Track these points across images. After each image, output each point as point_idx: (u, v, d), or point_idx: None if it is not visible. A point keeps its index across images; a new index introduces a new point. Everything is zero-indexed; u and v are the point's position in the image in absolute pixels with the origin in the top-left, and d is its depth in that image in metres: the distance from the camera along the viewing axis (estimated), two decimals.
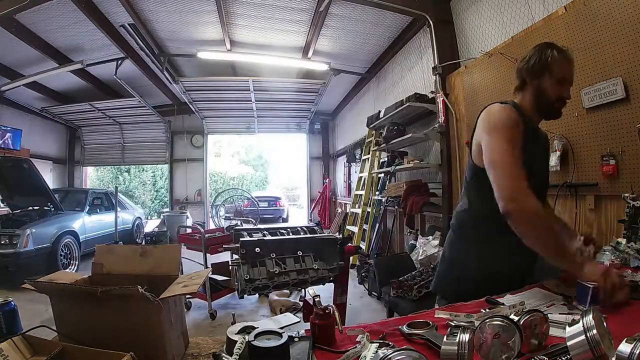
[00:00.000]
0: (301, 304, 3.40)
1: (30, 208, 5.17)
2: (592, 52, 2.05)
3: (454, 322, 0.91)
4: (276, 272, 1.46)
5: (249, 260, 1.46)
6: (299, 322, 0.99)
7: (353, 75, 6.55)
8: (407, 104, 4.03)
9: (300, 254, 1.58)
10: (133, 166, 14.84)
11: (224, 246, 1.68)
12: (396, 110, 4.29)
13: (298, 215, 14.12)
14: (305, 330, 0.91)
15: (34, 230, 4.61)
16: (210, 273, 3.65)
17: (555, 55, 1.27)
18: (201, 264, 3.68)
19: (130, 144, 9.61)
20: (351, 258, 2.98)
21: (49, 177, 8.40)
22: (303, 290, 3.21)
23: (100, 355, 0.73)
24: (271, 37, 5.35)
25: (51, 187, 5.76)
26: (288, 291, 3.78)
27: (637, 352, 0.59)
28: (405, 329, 0.91)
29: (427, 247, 3.54)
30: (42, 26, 4.82)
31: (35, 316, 1.35)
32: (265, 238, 1.59)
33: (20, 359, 0.74)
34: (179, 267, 1.10)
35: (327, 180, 9.70)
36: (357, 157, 7.27)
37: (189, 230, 5.26)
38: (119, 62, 5.93)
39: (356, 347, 0.81)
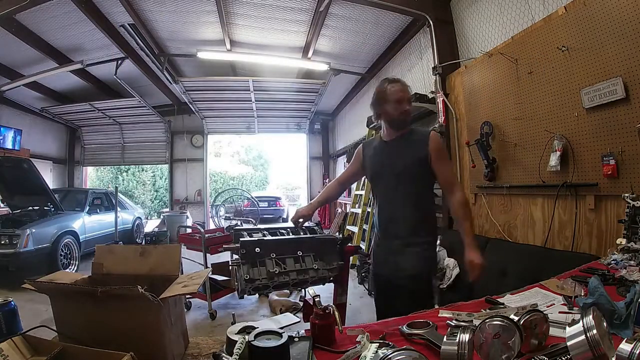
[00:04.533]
0: (301, 304, 3.40)
1: (30, 208, 5.17)
2: (592, 52, 2.05)
3: (454, 322, 0.91)
4: (276, 272, 1.46)
5: (248, 260, 1.46)
6: (299, 322, 1.00)
7: (353, 75, 6.54)
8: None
9: (300, 254, 1.57)
10: (133, 166, 14.84)
11: (224, 246, 1.67)
12: None
13: None
14: (305, 330, 0.91)
15: (34, 230, 4.60)
16: (210, 273, 3.65)
17: (387, 87, 1.69)
18: (201, 264, 3.68)
19: (130, 144, 9.61)
20: (351, 258, 2.97)
21: (49, 177, 8.39)
22: (303, 290, 3.20)
23: (100, 355, 0.73)
24: (271, 37, 5.35)
25: (51, 187, 5.76)
26: (288, 291, 3.77)
27: (637, 352, 0.59)
28: (405, 329, 0.91)
29: None
30: (42, 26, 4.82)
31: (35, 316, 1.35)
32: (265, 238, 1.59)
33: (20, 359, 0.74)
34: (179, 267, 1.10)
35: (327, 180, 9.70)
36: None
37: (189, 230, 5.25)
38: (119, 62, 5.93)
39: (356, 347, 0.81)
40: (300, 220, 1.77)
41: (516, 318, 0.76)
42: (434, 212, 1.80)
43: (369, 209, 5.52)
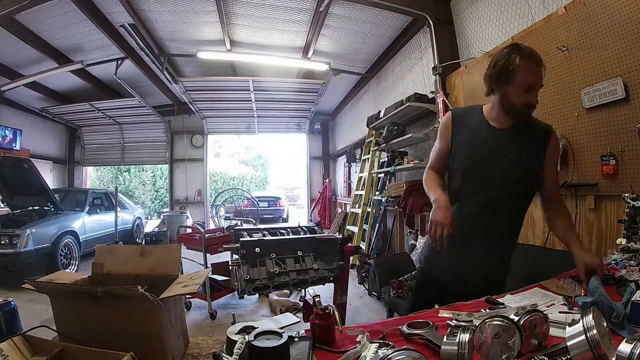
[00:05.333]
0: (301, 304, 3.40)
1: (30, 208, 5.16)
2: (592, 52, 2.05)
3: (454, 322, 0.91)
4: (276, 272, 1.46)
5: (249, 260, 1.46)
6: (299, 322, 1.00)
7: (353, 75, 6.54)
8: (407, 104, 4.03)
9: (300, 254, 1.58)
10: (133, 166, 14.84)
11: (224, 246, 1.67)
12: (396, 110, 4.28)
13: (298, 215, 14.12)
14: (305, 330, 0.91)
15: (34, 230, 4.60)
16: (210, 273, 3.65)
17: (518, 63, 1.24)
18: (201, 264, 3.67)
19: (130, 144, 9.61)
20: (351, 258, 2.98)
21: (49, 177, 8.39)
22: (303, 290, 3.21)
23: (100, 355, 0.73)
24: (271, 37, 5.35)
25: (51, 187, 5.76)
26: (288, 291, 3.78)
27: (637, 352, 0.59)
28: (405, 329, 0.91)
29: None
30: (42, 26, 4.82)
31: (35, 316, 1.35)
32: (265, 238, 1.59)
33: (20, 359, 0.74)
34: (179, 267, 1.10)
35: (327, 180, 9.70)
36: (357, 157, 7.27)
37: (189, 230, 5.25)
38: (119, 62, 5.93)
39: (356, 347, 0.81)
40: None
41: (516, 318, 0.76)
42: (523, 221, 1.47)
43: (369, 209, 5.53)
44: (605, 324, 0.70)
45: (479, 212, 1.36)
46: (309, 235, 1.72)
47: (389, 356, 0.66)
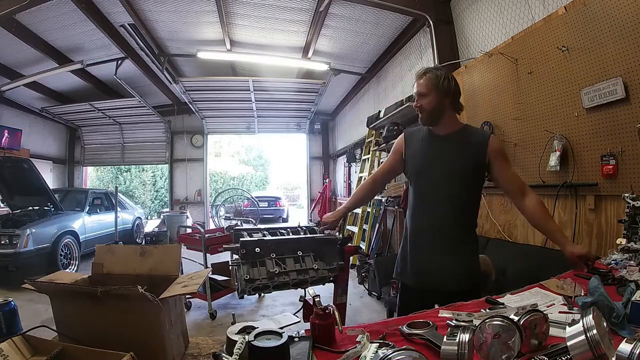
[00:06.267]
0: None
1: (30, 208, 5.17)
2: (592, 52, 2.05)
3: (454, 322, 0.91)
4: (276, 272, 1.46)
5: (248, 260, 1.46)
6: (299, 322, 1.00)
7: (353, 75, 6.55)
8: (407, 104, 4.03)
9: (300, 254, 1.57)
10: (133, 166, 14.85)
11: (224, 246, 1.67)
12: (396, 110, 4.28)
13: (298, 215, 14.12)
14: (305, 330, 0.91)
15: (34, 230, 4.61)
16: (210, 273, 3.65)
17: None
18: (201, 264, 3.68)
19: (130, 144, 9.61)
20: (351, 258, 2.97)
21: (49, 177, 8.39)
22: (303, 290, 3.20)
23: (100, 355, 0.73)
24: (271, 37, 5.35)
25: (51, 187, 5.76)
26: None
27: (637, 352, 0.59)
28: (405, 329, 0.91)
29: None
30: (42, 26, 4.82)
31: (35, 316, 1.35)
32: (265, 238, 1.59)
33: (20, 359, 0.74)
34: (179, 267, 1.10)
35: (327, 180, 9.69)
36: (357, 157, 7.27)
37: (189, 230, 5.26)
38: (119, 62, 5.93)
39: (356, 347, 0.81)
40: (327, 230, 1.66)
41: (516, 318, 0.76)
42: (476, 218, 1.60)
43: (369, 209, 5.53)
44: (605, 324, 0.71)
45: (427, 206, 1.54)
46: (309, 235, 1.72)
47: (389, 356, 0.66)
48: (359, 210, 5.79)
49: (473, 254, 1.54)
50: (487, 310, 1.00)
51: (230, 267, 1.60)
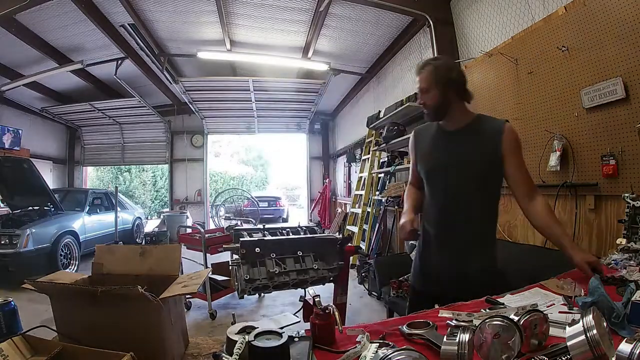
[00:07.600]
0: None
1: (30, 208, 5.17)
2: (592, 52, 2.05)
3: (454, 322, 0.91)
4: (276, 272, 1.46)
5: (248, 260, 1.46)
6: (299, 322, 0.99)
7: (353, 75, 6.55)
8: (407, 104, 4.03)
9: (300, 254, 1.57)
10: (133, 166, 14.85)
11: (224, 246, 1.67)
12: (396, 110, 4.28)
13: (298, 215, 14.12)
14: (306, 330, 0.91)
15: (34, 230, 4.61)
16: (210, 273, 3.65)
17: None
18: (201, 264, 3.68)
19: (130, 144, 9.61)
20: (351, 258, 2.97)
21: (49, 177, 8.39)
22: (303, 290, 3.20)
23: (100, 355, 0.73)
24: (271, 37, 5.35)
25: (51, 187, 5.76)
26: None
27: (637, 352, 0.59)
28: (405, 329, 0.91)
29: None
30: (42, 26, 4.82)
31: (35, 316, 1.35)
32: (265, 238, 1.59)
33: (20, 359, 0.74)
34: (179, 267, 1.10)
35: (327, 180, 9.69)
36: (357, 157, 7.27)
37: (189, 230, 5.25)
38: (119, 62, 5.93)
39: (356, 347, 0.81)
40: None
41: (516, 318, 0.76)
42: (496, 219, 1.50)
43: (369, 209, 5.53)
44: (605, 324, 0.70)
45: (442, 206, 1.43)
46: (308, 235, 1.72)
47: (389, 356, 0.66)
48: (359, 210, 5.79)
49: (492, 260, 1.42)
50: (487, 310, 1.00)
51: (230, 267, 1.60)
